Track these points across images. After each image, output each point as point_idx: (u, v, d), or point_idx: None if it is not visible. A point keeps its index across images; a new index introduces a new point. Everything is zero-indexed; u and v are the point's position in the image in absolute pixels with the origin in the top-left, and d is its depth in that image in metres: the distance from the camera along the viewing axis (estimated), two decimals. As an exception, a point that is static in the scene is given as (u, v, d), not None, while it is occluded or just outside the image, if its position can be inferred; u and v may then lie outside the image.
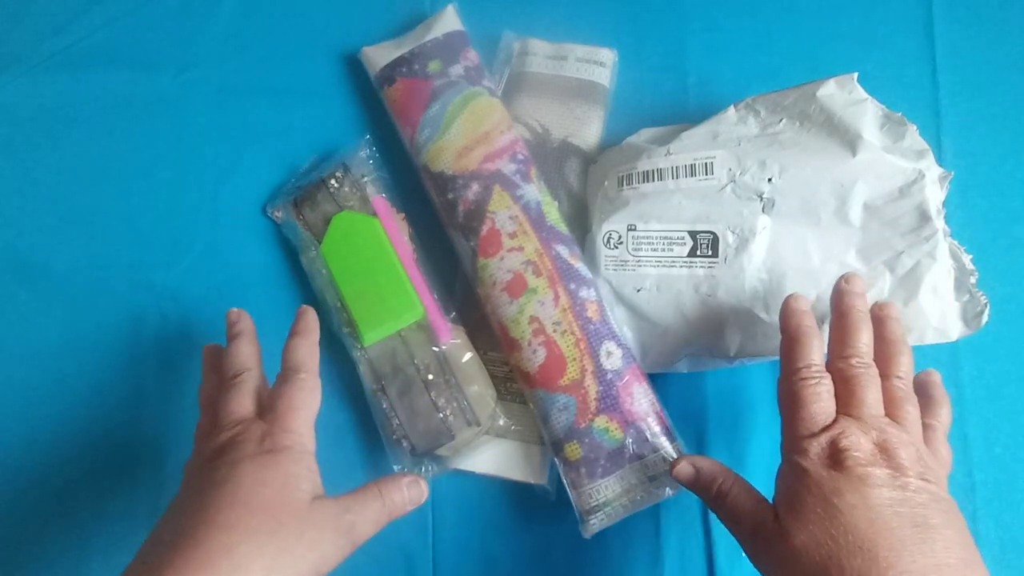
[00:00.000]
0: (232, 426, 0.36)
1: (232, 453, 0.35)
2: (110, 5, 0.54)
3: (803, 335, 0.36)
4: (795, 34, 0.53)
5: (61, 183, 0.52)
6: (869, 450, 0.33)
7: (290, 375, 0.38)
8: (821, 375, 0.35)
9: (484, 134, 0.46)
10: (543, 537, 0.47)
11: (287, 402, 0.37)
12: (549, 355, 0.43)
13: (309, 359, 0.39)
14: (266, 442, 0.35)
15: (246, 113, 0.53)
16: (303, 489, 0.34)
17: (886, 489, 0.31)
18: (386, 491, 0.37)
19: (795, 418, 0.34)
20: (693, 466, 0.38)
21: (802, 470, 0.33)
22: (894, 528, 0.30)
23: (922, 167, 0.40)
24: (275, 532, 0.32)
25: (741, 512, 0.35)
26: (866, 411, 0.34)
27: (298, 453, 0.35)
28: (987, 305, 0.40)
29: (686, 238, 0.44)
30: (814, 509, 0.32)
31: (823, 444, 0.33)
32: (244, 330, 0.41)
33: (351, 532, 0.35)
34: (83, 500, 0.48)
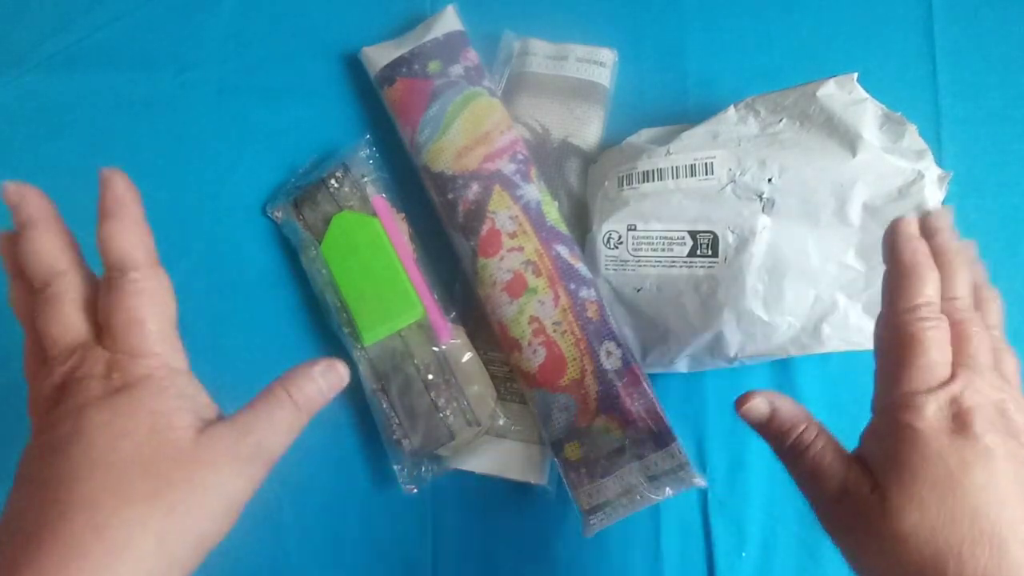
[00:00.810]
0: (63, 358, 0.28)
1: (73, 398, 0.27)
2: (110, 5, 0.54)
3: (920, 265, 0.30)
4: (795, 34, 0.53)
5: (61, 183, 0.52)
6: (993, 413, 0.28)
7: (117, 276, 0.28)
8: (941, 317, 0.29)
9: (484, 134, 0.46)
10: (543, 537, 0.47)
11: (125, 314, 0.28)
12: (549, 355, 0.43)
13: (136, 248, 0.29)
14: (113, 377, 0.27)
15: (246, 113, 0.53)
16: (179, 426, 0.27)
17: (1010, 464, 0.26)
18: (295, 389, 0.30)
19: (910, 367, 0.28)
20: (770, 405, 0.31)
21: (916, 433, 0.27)
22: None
23: (922, 167, 0.40)
24: (156, 492, 0.25)
25: (825, 473, 0.29)
26: (984, 364, 0.29)
27: (159, 381, 0.27)
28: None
29: (686, 238, 0.44)
30: (933, 485, 0.26)
31: (943, 402, 0.28)
32: (39, 214, 0.30)
33: (259, 453, 0.28)
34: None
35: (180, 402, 0.28)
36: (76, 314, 0.29)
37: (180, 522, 0.26)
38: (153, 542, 0.25)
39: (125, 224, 0.29)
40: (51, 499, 0.25)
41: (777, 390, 0.47)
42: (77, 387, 0.27)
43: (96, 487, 0.25)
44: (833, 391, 0.47)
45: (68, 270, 0.29)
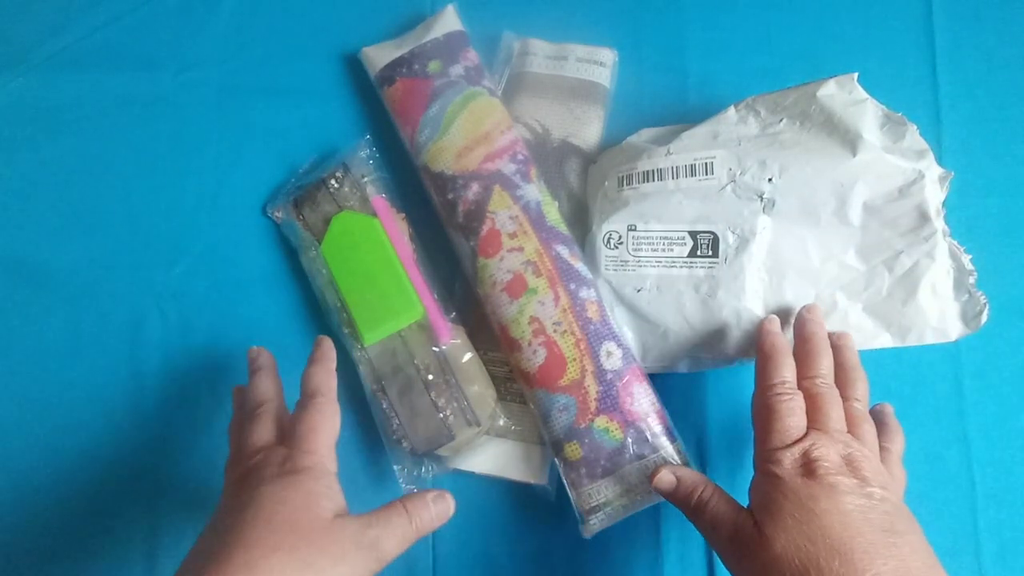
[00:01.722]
0: (254, 454, 0.37)
1: (255, 477, 0.36)
2: (110, 5, 0.54)
3: (777, 353, 0.39)
4: (795, 34, 0.53)
5: (61, 183, 0.52)
6: (837, 461, 0.35)
7: (308, 400, 0.39)
8: (794, 391, 0.37)
9: (484, 134, 0.46)
10: (543, 537, 0.47)
11: (306, 425, 0.37)
12: (549, 355, 0.43)
13: (325, 384, 0.39)
14: (287, 464, 0.36)
15: (246, 113, 0.53)
16: (324, 507, 0.35)
17: (854, 496, 0.33)
18: (411, 507, 0.37)
19: (771, 430, 0.36)
20: (674, 475, 0.39)
21: (777, 479, 0.35)
22: (865, 532, 0.32)
23: (922, 167, 0.40)
24: (296, 548, 0.32)
25: (721, 520, 0.36)
26: (832, 426, 0.36)
27: (318, 472, 0.36)
28: (986, 305, 0.40)
29: (686, 238, 0.44)
30: (791, 514, 0.33)
31: (796, 455, 0.35)
32: (264, 365, 0.42)
33: (376, 548, 0.35)
34: (82, 499, 0.48)
35: (328, 491, 0.36)
36: (269, 425, 0.39)
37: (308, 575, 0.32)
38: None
39: (323, 368, 0.40)
40: (222, 541, 0.33)
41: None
42: (259, 470, 0.36)
43: (255, 535, 0.32)
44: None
45: (273, 399, 0.41)
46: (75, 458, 0.48)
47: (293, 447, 0.37)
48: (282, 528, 0.33)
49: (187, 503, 0.48)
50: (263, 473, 0.35)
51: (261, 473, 0.35)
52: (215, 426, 0.48)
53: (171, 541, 0.47)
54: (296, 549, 0.32)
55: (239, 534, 0.33)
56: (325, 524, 0.34)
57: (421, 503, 0.37)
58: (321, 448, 0.37)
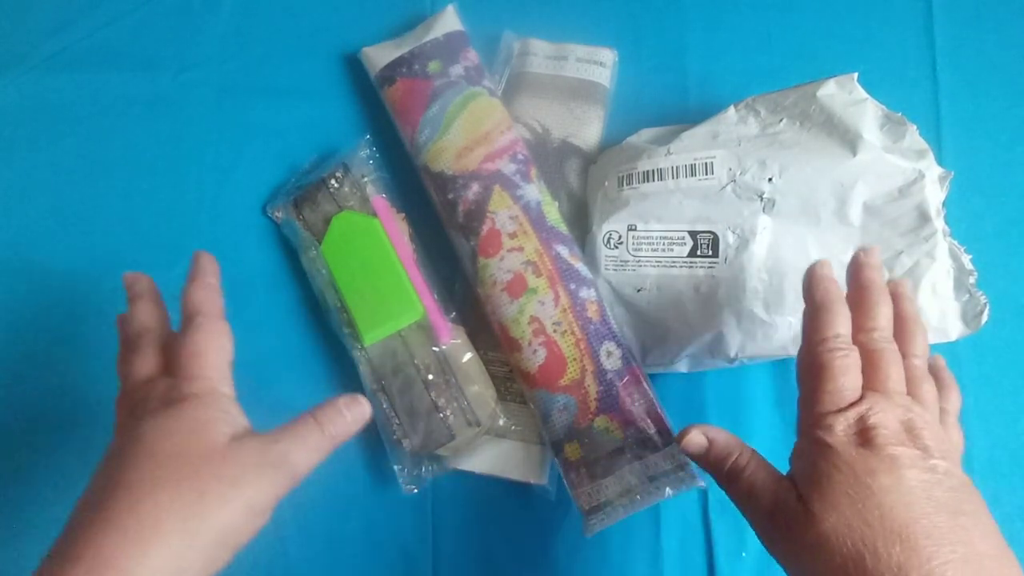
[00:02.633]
0: (137, 388, 0.34)
1: (139, 411, 0.33)
2: (110, 5, 0.54)
3: (832, 302, 0.34)
4: (795, 34, 0.53)
5: (61, 183, 0.52)
6: (897, 429, 0.31)
7: (188, 322, 0.35)
8: (850, 347, 0.33)
9: (484, 134, 0.46)
10: (543, 537, 0.47)
11: (188, 349, 0.34)
12: (549, 355, 0.43)
13: (206, 301, 0.36)
14: (171, 393, 0.33)
15: (246, 113, 0.53)
16: (218, 431, 0.32)
17: (917, 471, 0.30)
18: (322, 415, 0.34)
19: (821, 391, 0.32)
20: (706, 436, 0.35)
21: (828, 448, 0.31)
22: (931, 514, 0.29)
23: (922, 167, 0.40)
24: (186, 479, 0.30)
25: (758, 491, 0.33)
26: (892, 387, 0.32)
27: (207, 398, 0.33)
28: (987, 305, 0.40)
29: (686, 238, 0.44)
30: (844, 490, 0.30)
31: (850, 420, 0.31)
32: (143, 291, 0.38)
33: (284, 462, 0.32)
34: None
35: (220, 415, 0.33)
36: (152, 357, 0.35)
37: (204, 509, 0.29)
38: (179, 523, 0.29)
39: (199, 284, 0.37)
40: (103, 486, 0.30)
41: (777, 390, 0.48)
42: (142, 405, 0.33)
43: (138, 475, 0.30)
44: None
45: (155, 327, 0.37)
46: (75, 458, 0.48)
47: (177, 375, 0.34)
48: (168, 462, 0.30)
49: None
50: (146, 407, 0.33)
51: (145, 407, 0.33)
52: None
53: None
54: (185, 480, 0.30)
55: (122, 475, 0.30)
56: (219, 449, 0.31)
57: (332, 410, 0.34)
58: (208, 371, 0.34)
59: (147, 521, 0.29)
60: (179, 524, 0.29)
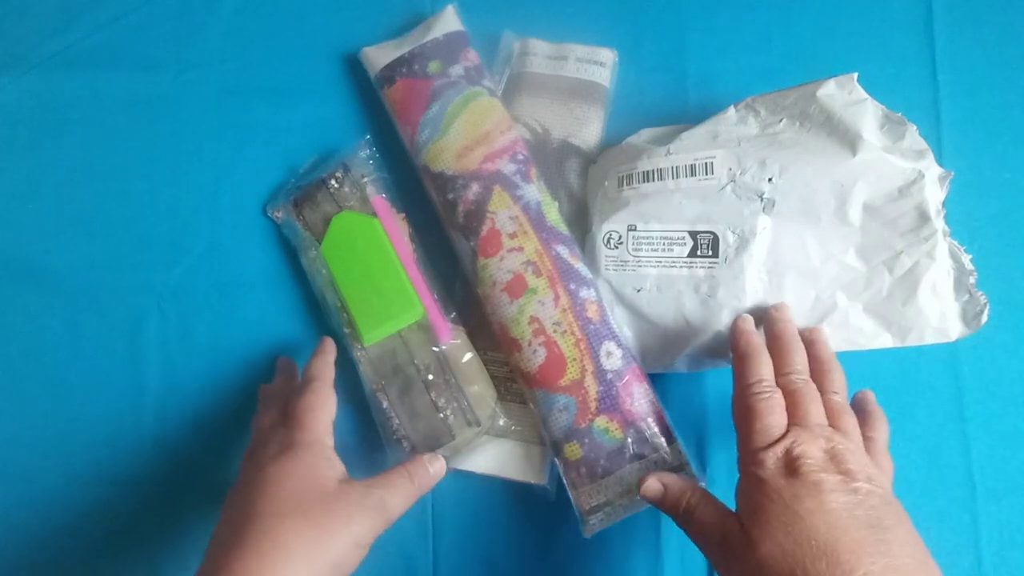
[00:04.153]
0: (259, 436, 0.41)
1: (260, 455, 0.39)
2: (110, 5, 0.54)
3: (753, 351, 0.39)
4: (795, 34, 0.53)
5: (61, 183, 0.52)
6: (820, 457, 0.34)
7: (305, 385, 0.42)
8: (772, 389, 0.37)
9: (484, 134, 0.46)
10: (543, 537, 0.47)
11: (302, 406, 0.40)
12: (549, 355, 0.43)
13: (322, 371, 0.43)
14: (286, 440, 0.39)
15: (246, 113, 0.53)
16: (326, 475, 0.38)
17: (839, 493, 0.33)
18: (412, 469, 0.40)
19: (751, 431, 0.36)
20: (661, 483, 0.39)
21: (760, 480, 0.34)
22: (851, 530, 0.32)
23: (922, 167, 0.40)
24: (306, 513, 0.35)
25: (707, 525, 0.36)
26: (812, 420, 0.36)
27: (315, 446, 0.39)
28: (987, 305, 0.40)
29: (686, 238, 0.44)
30: (776, 517, 0.33)
31: (778, 454, 0.35)
32: (285, 370, 0.47)
33: (382, 507, 0.38)
34: (82, 498, 0.48)
35: (328, 463, 0.39)
36: (275, 411, 0.42)
37: (320, 540, 0.35)
38: (302, 549, 0.34)
39: (323, 359, 0.44)
40: (238, 517, 0.36)
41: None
42: (263, 448, 0.39)
43: (266, 507, 0.36)
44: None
45: (281, 393, 0.44)
46: (75, 458, 0.48)
47: (291, 427, 0.39)
48: (290, 497, 0.36)
49: (187, 500, 0.48)
50: (267, 451, 0.39)
51: (265, 451, 0.39)
52: (214, 425, 0.48)
53: (172, 536, 0.47)
54: (306, 514, 0.35)
55: (252, 508, 0.36)
56: (330, 490, 0.37)
57: (420, 465, 0.41)
58: (316, 425, 0.40)
59: (277, 545, 0.34)
60: (301, 552, 0.34)
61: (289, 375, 0.47)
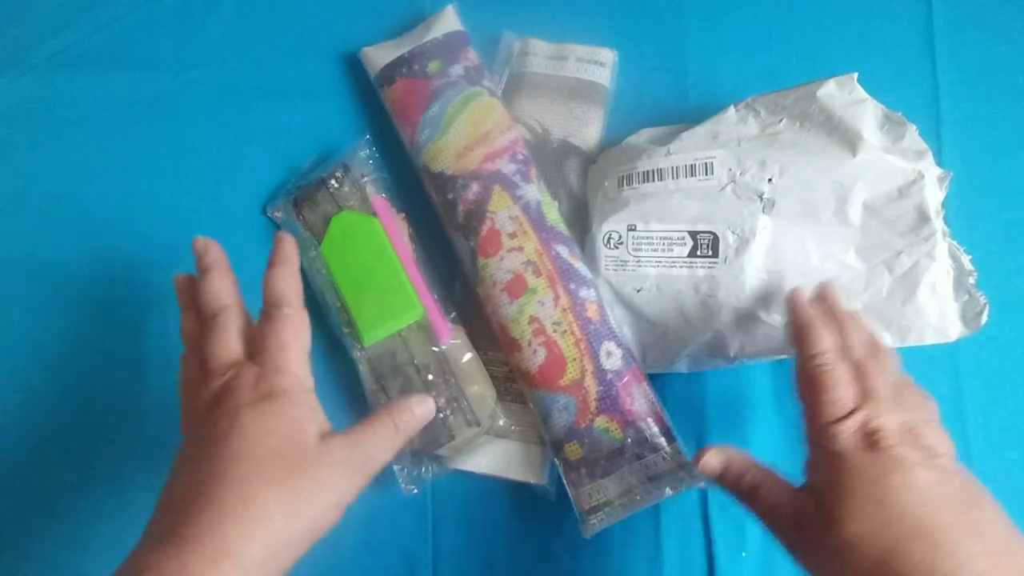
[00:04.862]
0: (222, 372, 0.35)
1: (228, 402, 0.34)
2: (110, 5, 0.54)
3: (815, 322, 0.36)
4: (795, 34, 0.53)
5: (61, 183, 0.52)
6: (898, 431, 0.32)
7: (274, 311, 0.36)
8: (838, 360, 0.34)
9: (484, 134, 0.46)
10: (543, 537, 0.47)
11: (275, 341, 0.35)
12: (549, 355, 0.43)
13: (290, 291, 0.37)
14: (261, 386, 0.34)
15: (246, 113, 0.53)
16: (309, 431, 0.34)
17: (924, 469, 0.31)
18: (397, 416, 0.37)
19: (820, 403, 0.33)
20: (722, 458, 0.36)
21: (838, 455, 0.32)
22: (945, 509, 0.30)
23: (922, 167, 0.40)
24: (288, 478, 0.32)
25: (778, 506, 0.34)
26: (883, 393, 0.33)
27: (296, 394, 0.34)
28: (986, 305, 0.40)
29: (686, 238, 0.44)
30: (863, 494, 0.31)
31: (853, 427, 0.32)
32: (215, 261, 0.38)
33: (366, 465, 0.35)
34: (82, 499, 0.48)
35: (310, 414, 0.34)
36: (235, 339, 0.36)
37: (301, 505, 0.32)
38: (281, 517, 0.31)
39: (286, 272, 0.37)
40: (209, 477, 0.31)
41: (777, 390, 0.48)
42: (232, 394, 0.34)
43: (245, 469, 0.31)
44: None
45: (233, 305, 0.37)
46: (76, 458, 0.48)
47: (265, 366, 0.35)
48: (271, 460, 0.32)
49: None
50: (238, 397, 0.33)
51: (236, 397, 0.34)
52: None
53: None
54: (288, 479, 0.32)
55: (229, 469, 0.31)
56: (313, 450, 0.33)
57: (405, 411, 0.37)
58: (295, 365, 0.35)
59: (256, 515, 0.31)
60: (281, 520, 0.31)
61: (228, 275, 0.38)
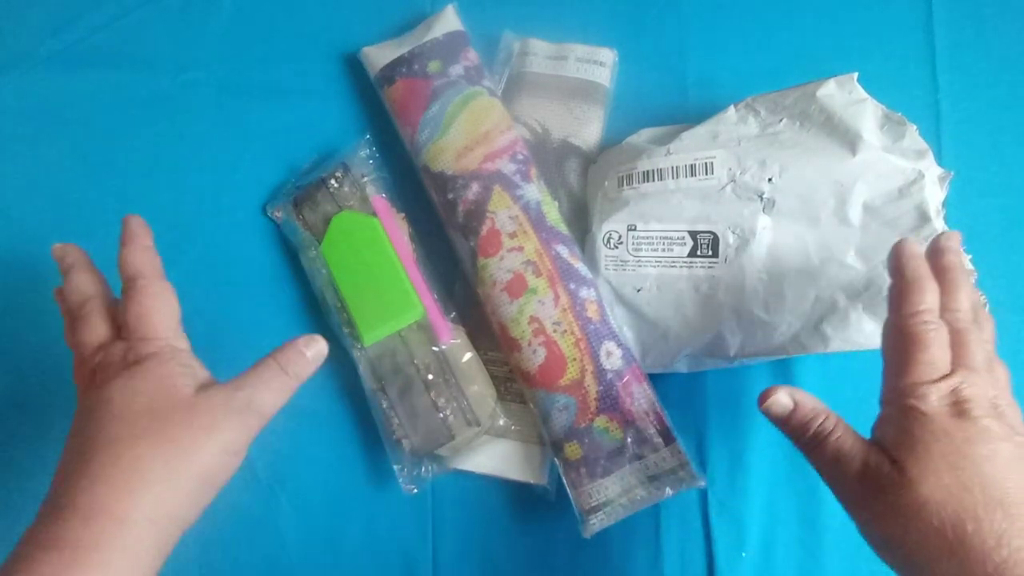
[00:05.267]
0: (93, 355, 0.36)
1: (100, 377, 0.35)
2: (110, 5, 0.54)
3: (922, 278, 0.35)
4: (795, 34, 0.53)
5: (61, 183, 0.52)
6: (988, 404, 0.32)
7: (129, 285, 0.36)
8: (939, 322, 0.34)
9: (484, 134, 0.46)
10: (543, 537, 0.47)
11: (136, 311, 0.36)
12: (549, 355, 0.43)
13: (144, 264, 0.37)
14: (128, 356, 0.35)
15: (246, 113, 0.53)
16: (180, 385, 0.34)
17: (1009, 444, 0.31)
18: (283, 358, 0.36)
19: (914, 362, 0.32)
20: (792, 399, 0.35)
21: (924, 415, 0.31)
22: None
23: (922, 167, 0.40)
24: (161, 430, 0.32)
25: (847, 456, 0.33)
26: (979, 365, 0.33)
27: (164, 355, 0.35)
28: (986, 305, 0.40)
29: (686, 238, 0.44)
30: (943, 456, 0.30)
31: (944, 391, 0.32)
32: (75, 261, 0.39)
33: (250, 407, 0.34)
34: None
35: (182, 369, 0.35)
36: (101, 324, 0.37)
37: (182, 454, 0.32)
38: (160, 471, 0.32)
39: (135, 248, 0.38)
40: (83, 444, 0.32)
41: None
42: (103, 371, 0.35)
43: (116, 432, 0.32)
44: (833, 391, 0.46)
45: (95, 296, 0.38)
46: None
47: (130, 338, 0.35)
48: (141, 418, 0.32)
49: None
50: (108, 371, 0.34)
51: (106, 372, 0.34)
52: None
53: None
54: (161, 431, 0.32)
55: (99, 433, 0.32)
56: (186, 400, 0.33)
57: (293, 351, 0.37)
58: (160, 330, 0.35)
59: (130, 471, 0.31)
60: (160, 472, 0.31)
61: (89, 271, 0.39)
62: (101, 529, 0.30)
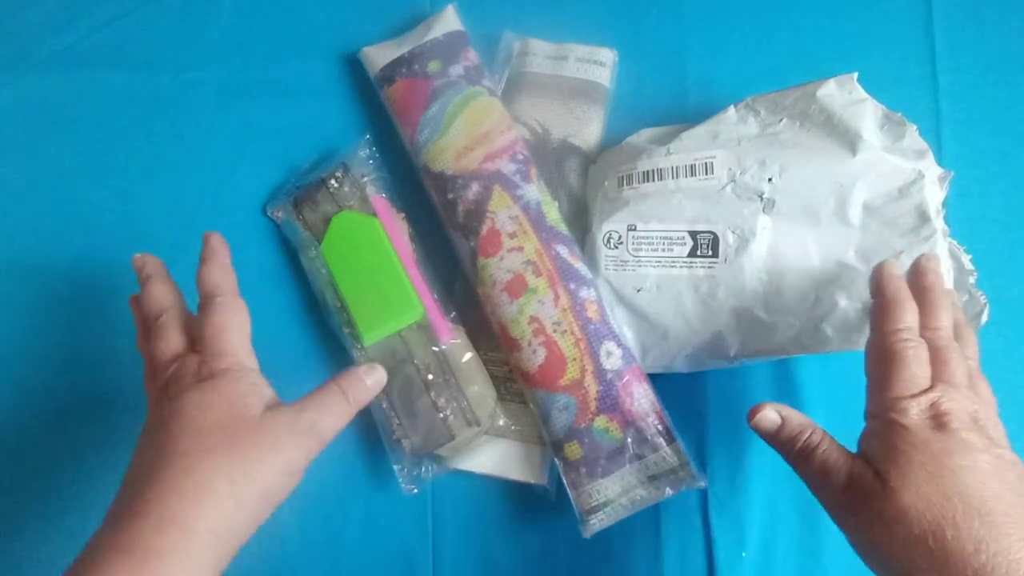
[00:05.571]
0: (167, 366, 0.37)
1: (173, 388, 0.35)
2: (110, 5, 0.54)
3: (902, 298, 0.36)
4: (795, 34, 0.53)
5: (61, 183, 0.52)
6: (967, 418, 0.33)
7: (208, 300, 0.38)
8: (919, 339, 0.35)
9: (484, 134, 0.46)
10: (543, 537, 0.47)
11: (212, 326, 0.37)
12: (549, 355, 0.43)
13: (223, 280, 0.39)
14: (203, 370, 0.36)
15: (246, 113, 0.53)
16: (250, 404, 0.35)
17: (988, 456, 0.32)
18: (346, 384, 0.38)
19: (894, 377, 0.34)
20: (779, 415, 0.36)
21: (904, 428, 0.33)
22: (1004, 495, 0.31)
23: (922, 167, 0.40)
24: (230, 447, 0.33)
25: (832, 468, 0.34)
26: (958, 380, 0.34)
27: (236, 372, 0.36)
28: (986, 305, 0.40)
29: (686, 238, 0.44)
30: (923, 467, 0.31)
31: (924, 405, 0.33)
32: (154, 272, 0.40)
33: (312, 430, 0.35)
34: (83, 501, 0.48)
35: (252, 388, 0.36)
36: (177, 335, 0.38)
37: (247, 471, 0.33)
38: (226, 484, 0.32)
39: (215, 265, 0.39)
40: (155, 455, 0.33)
41: (777, 390, 0.48)
42: (176, 382, 0.36)
43: (187, 444, 0.33)
44: (833, 391, 0.47)
45: (172, 307, 0.39)
46: (76, 458, 0.48)
47: (204, 352, 0.36)
48: (212, 432, 0.33)
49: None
50: (182, 383, 0.35)
51: (179, 384, 0.35)
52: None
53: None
54: (230, 448, 0.33)
55: (172, 445, 0.33)
56: (254, 419, 0.34)
57: (355, 379, 0.38)
58: (233, 347, 0.37)
59: (200, 483, 0.32)
60: (227, 486, 0.32)
61: (166, 282, 0.40)
62: (171, 538, 0.31)
